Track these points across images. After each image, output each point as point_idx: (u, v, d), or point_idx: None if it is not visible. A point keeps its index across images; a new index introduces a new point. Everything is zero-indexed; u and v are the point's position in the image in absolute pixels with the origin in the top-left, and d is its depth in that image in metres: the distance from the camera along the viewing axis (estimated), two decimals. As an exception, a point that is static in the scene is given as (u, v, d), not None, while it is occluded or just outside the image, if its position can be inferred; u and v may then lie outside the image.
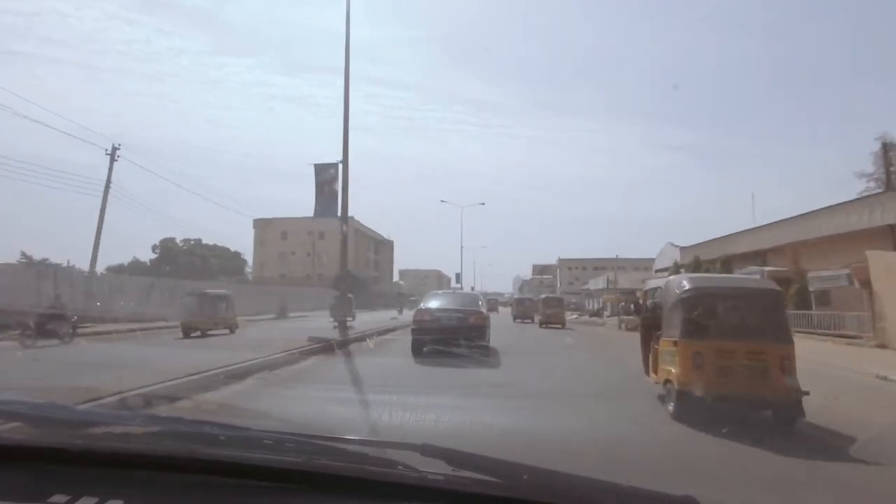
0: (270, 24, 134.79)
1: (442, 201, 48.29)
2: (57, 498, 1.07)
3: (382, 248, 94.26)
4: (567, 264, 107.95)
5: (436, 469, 1.13)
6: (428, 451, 1.19)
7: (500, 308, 53.99)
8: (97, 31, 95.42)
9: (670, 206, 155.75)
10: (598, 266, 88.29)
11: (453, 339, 11.55)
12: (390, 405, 6.33)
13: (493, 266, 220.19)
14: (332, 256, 55.75)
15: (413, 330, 12.25)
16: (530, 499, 1.07)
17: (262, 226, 75.43)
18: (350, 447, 1.28)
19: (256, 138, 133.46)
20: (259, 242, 75.97)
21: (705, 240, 32.43)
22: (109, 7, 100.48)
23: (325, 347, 12.61)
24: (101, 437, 1.29)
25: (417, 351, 11.85)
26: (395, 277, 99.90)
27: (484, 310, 13.25)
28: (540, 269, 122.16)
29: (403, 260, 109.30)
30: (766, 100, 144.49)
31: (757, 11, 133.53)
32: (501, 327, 22.20)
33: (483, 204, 52.08)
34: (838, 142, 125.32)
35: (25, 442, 1.29)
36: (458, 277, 56.31)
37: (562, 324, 28.41)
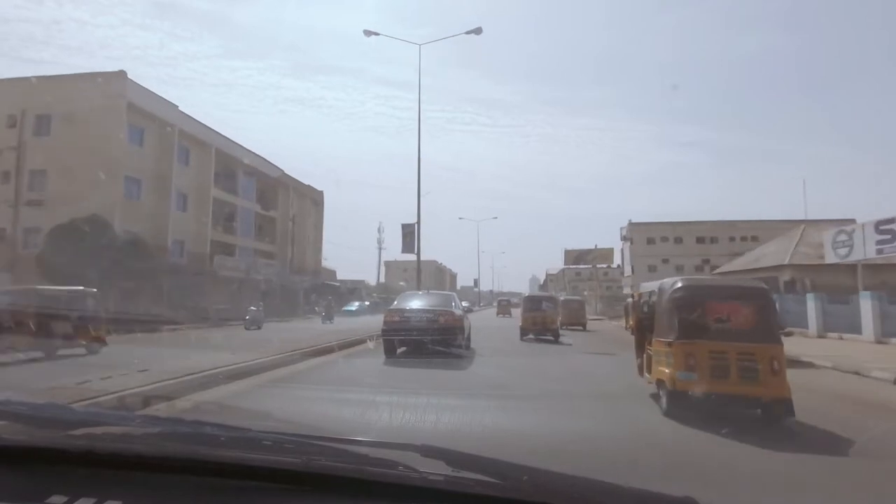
0: (281, 27, 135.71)
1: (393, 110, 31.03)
2: (55, 499, 1.06)
3: (283, 196, 46.62)
4: (645, 232, 63.25)
5: (436, 470, 1.13)
6: (428, 451, 1.20)
7: (514, 311, 35.83)
8: (113, 38, 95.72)
9: (682, 203, 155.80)
10: (703, 235, 60.19)
11: (422, 340, 12.09)
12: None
13: (507, 254, 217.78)
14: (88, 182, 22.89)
15: (383, 331, 12.69)
16: (530, 499, 1.07)
17: None
18: (350, 448, 1.28)
19: (269, 140, 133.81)
20: None
21: None
22: (124, 14, 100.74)
23: None
24: (101, 437, 1.29)
25: (389, 352, 12.33)
26: (325, 261, 56.54)
27: (457, 311, 13.36)
28: (575, 257, 67.27)
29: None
30: (779, 96, 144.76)
31: (772, 6, 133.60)
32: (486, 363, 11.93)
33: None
34: (853, 139, 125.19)
35: (24, 442, 1.28)
36: (411, 233, 26.52)
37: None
